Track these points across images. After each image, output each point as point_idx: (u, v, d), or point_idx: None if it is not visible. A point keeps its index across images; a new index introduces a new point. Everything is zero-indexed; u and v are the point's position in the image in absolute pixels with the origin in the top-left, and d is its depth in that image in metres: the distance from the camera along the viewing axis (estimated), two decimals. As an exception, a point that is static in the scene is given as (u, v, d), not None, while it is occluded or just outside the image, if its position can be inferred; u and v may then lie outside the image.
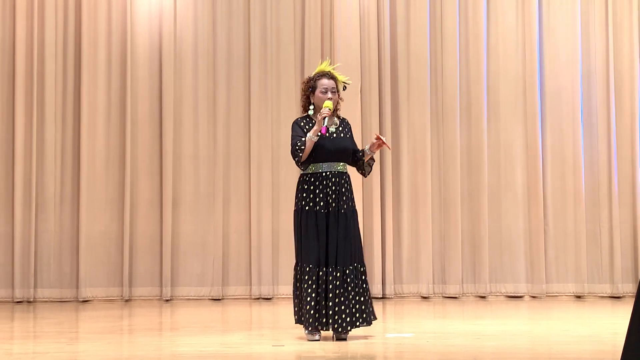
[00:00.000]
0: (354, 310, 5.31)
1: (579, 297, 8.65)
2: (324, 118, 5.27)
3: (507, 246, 8.72)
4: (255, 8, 8.75)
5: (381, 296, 8.49)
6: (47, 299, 8.41)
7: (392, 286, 8.56)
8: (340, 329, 5.29)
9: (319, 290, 5.27)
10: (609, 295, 8.64)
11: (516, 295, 8.66)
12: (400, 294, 8.61)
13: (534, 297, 8.63)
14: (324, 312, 5.27)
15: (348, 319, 5.30)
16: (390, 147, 5.39)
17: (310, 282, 5.27)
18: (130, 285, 8.49)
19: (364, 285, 5.40)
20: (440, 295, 8.64)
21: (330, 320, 5.25)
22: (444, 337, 5.69)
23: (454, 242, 8.66)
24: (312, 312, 5.25)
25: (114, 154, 8.62)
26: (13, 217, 8.43)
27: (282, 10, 8.77)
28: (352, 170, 5.61)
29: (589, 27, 8.87)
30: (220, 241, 8.60)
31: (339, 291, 5.28)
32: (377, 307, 7.85)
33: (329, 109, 5.31)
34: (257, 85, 8.72)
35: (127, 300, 8.44)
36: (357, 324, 5.34)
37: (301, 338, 5.45)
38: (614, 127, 8.74)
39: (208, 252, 8.60)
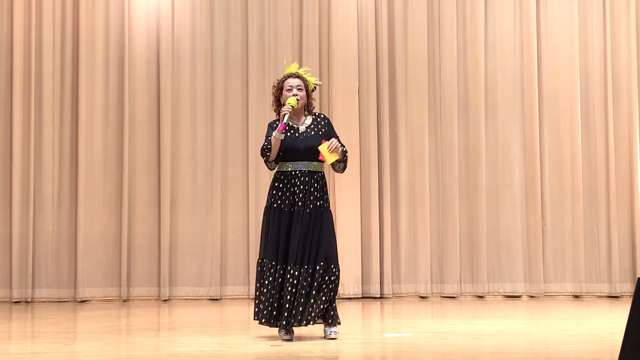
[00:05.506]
0: (310, 308, 5.27)
1: (576, 296, 8.66)
2: (284, 115, 5.34)
3: (505, 246, 8.72)
4: (252, 8, 8.74)
5: (379, 296, 8.49)
6: (45, 299, 8.40)
7: (390, 286, 8.56)
8: (294, 322, 5.27)
9: (277, 286, 5.31)
10: (607, 294, 8.65)
11: (514, 295, 8.66)
12: (398, 293, 8.60)
13: (532, 296, 8.63)
14: (281, 308, 5.30)
15: (301, 315, 5.27)
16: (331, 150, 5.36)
17: (271, 279, 5.34)
18: (128, 285, 8.48)
19: (331, 286, 5.35)
20: (438, 295, 8.64)
21: (286, 314, 5.27)
22: (442, 337, 5.69)
23: (452, 241, 8.66)
24: (270, 308, 5.31)
25: (112, 154, 8.61)
26: (11, 217, 8.42)
27: (279, 11, 8.77)
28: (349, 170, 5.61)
29: (586, 27, 8.88)
30: (218, 241, 8.59)
31: (295, 289, 5.29)
32: (376, 306, 7.91)
33: (291, 106, 5.38)
34: (254, 85, 8.72)
35: (125, 301, 8.44)
36: (312, 322, 5.32)
37: (299, 338, 5.45)
38: (612, 127, 8.74)
39: (206, 252, 8.59)
